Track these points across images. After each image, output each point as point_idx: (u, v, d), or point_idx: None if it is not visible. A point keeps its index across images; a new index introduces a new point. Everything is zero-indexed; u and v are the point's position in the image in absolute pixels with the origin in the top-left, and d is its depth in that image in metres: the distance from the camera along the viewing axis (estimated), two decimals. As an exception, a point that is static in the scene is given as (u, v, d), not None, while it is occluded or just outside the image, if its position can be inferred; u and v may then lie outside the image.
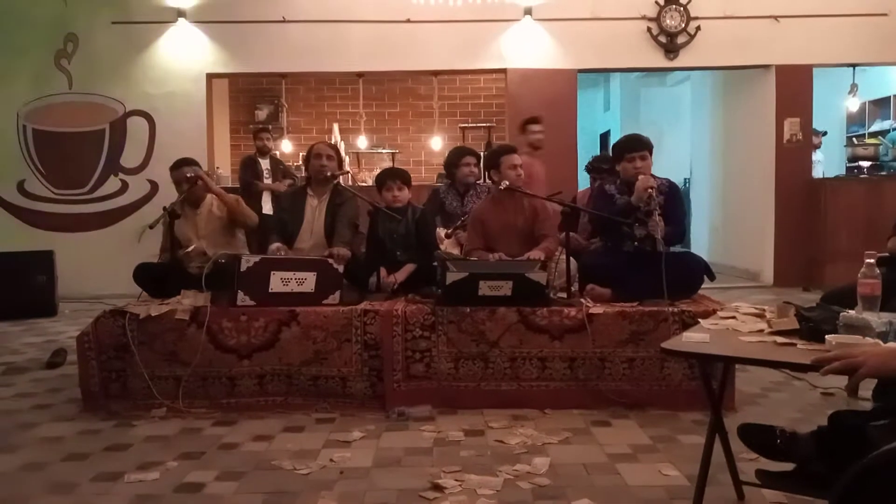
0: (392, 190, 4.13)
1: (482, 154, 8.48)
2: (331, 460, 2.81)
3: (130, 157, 7.65)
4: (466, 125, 9.87)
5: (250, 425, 3.27)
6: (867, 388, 3.26)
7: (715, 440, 2.14)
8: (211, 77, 7.73)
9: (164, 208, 4.06)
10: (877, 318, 1.91)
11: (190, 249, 3.86)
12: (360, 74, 8.31)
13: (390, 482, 2.59)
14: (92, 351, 3.50)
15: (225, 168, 8.65)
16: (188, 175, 4.14)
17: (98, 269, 7.14)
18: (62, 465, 2.82)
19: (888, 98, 8.93)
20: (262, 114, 9.71)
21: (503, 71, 7.74)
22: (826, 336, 1.84)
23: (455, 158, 4.77)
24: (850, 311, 1.99)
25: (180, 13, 7.47)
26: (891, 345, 1.70)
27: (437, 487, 2.51)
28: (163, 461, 2.82)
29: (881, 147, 7.69)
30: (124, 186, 7.65)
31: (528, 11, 7.47)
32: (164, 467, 2.76)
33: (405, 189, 4.16)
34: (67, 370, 4.22)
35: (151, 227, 3.99)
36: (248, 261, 3.54)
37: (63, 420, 3.39)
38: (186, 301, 3.57)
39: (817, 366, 1.62)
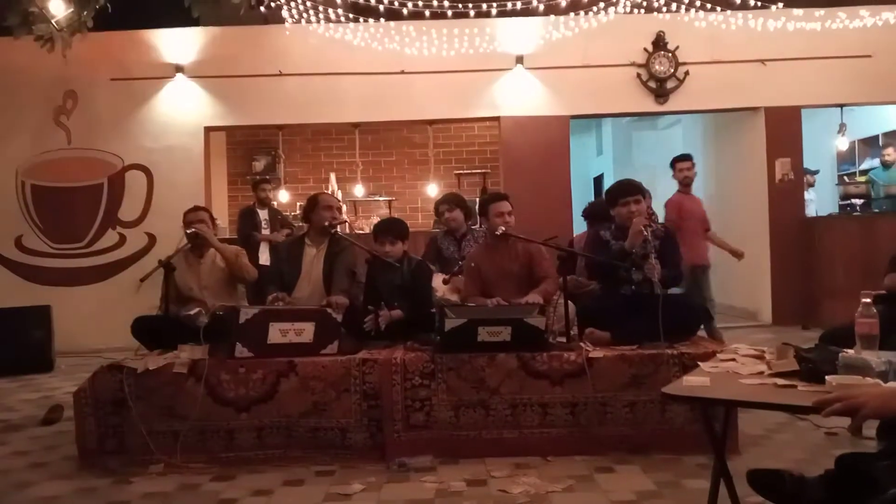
0: (384, 245, 4.14)
1: (478, 199, 8.60)
2: (331, 514, 2.77)
3: (128, 211, 7.69)
4: (461, 172, 9.98)
5: (249, 480, 3.22)
6: (871, 426, 3.24)
7: (720, 485, 2.12)
8: (209, 130, 7.83)
9: (160, 261, 4.07)
10: (876, 358, 1.91)
11: (193, 313, 3.86)
12: (355, 125, 8.43)
13: (392, 535, 2.55)
14: (89, 407, 3.47)
15: (223, 219, 8.70)
16: (188, 231, 4.17)
17: (95, 322, 7.12)
18: (58, 526, 2.77)
19: (876, 137, 9.06)
20: (259, 165, 9.82)
21: (496, 119, 7.86)
22: (826, 377, 1.84)
23: (436, 206, 4.95)
24: (849, 350, 2.00)
25: (178, 68, 7.61)
26: (891, 385, 1.70)
27: (440, 540, 2.47)
28: (161, 519, 2.77)
29: (870, 184, 7.78)
30: (122, 240, 7.67)
31: (519, 60, 7.62)
32: (161, 525, 2.72)
33: (398, 243, 4.15)
34: (64, 426, 4.17)
35: (143, 280, 4.00)
36: (247, 313, 3.54)
37: (60, 478, 3.34)
38: (184, 354, 3.55)
39: (819, 408, 1.62)
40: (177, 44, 7.63)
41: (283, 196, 9.11)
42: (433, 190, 9.17)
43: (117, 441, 3.46)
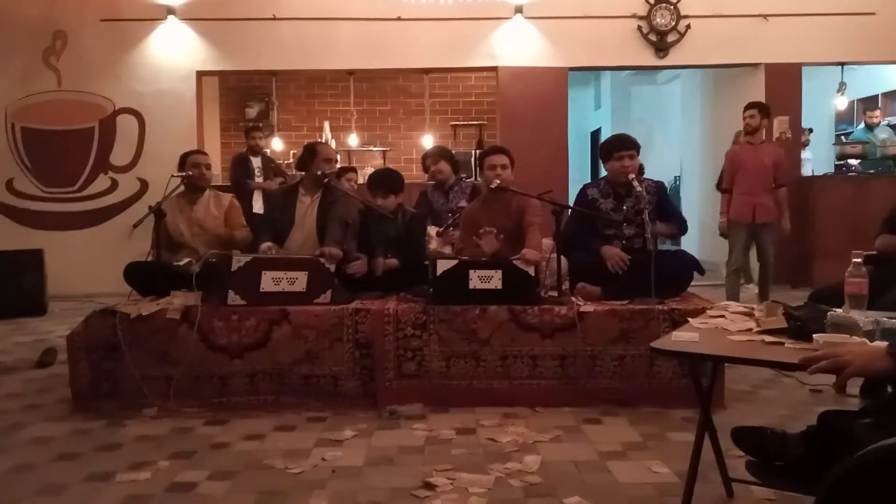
0: (376, 198, 4.12)
1: (474, 153, 8.55)
2: (322, 459, 2.82)
3: (120, 156, 7.61)
4: (458, 123, 9.88)
5: (242, 424, 3.26)
6: (855, 384, 3.31)
7: (705, 438, 2.16)
8: (201, 75, 7.70)
9: (150, 207, 4.04)
10: (864, 318, 1.93)
11: (182, 264, 3.84)
12: (350, 72, 8.30)
13: (382, 481, 2.60)
14: (82, 351, 3.49)
15: (215, 167, 8.61)
16: (177, 174, 4.15)
17: (88, 267, 7.11)
18: (53, 466, 2.81)
19: (876, 97, 8.99)
20: (252, 111, 9.69)
21: (494, 69, 7.75)
22: (814, 335, 1.86)
23: (423, 159, 5.01)
24: (837, 309, 2.01)
25: (170, 10, 7.44)
26: (877, 344, 1.72)
27: (429, 486, 2.52)
28: (154, 461, 2.82)
29: (868, 146, 7.75)
30: (114, 185, 7.62)
31: (518, 10, 7.47)
32: (155, 467, 2.76)
33: (390, 197, 4.11)
34: (57, 370, 4.21)
35: (135, 226, 3.99)
36: (240, 260, 3.55)
37: (54, 420, 3.38)
38: (177, 301, 3.56)
39: (805, 365, 1.64)
40: (168, -16, 7.45)
41: (276, 144, 9.02)
42: (428, 141, 9.09)
43: (111, 385, 3.49)
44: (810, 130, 8.44)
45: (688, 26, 7.46)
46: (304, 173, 4.30)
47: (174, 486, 2.60)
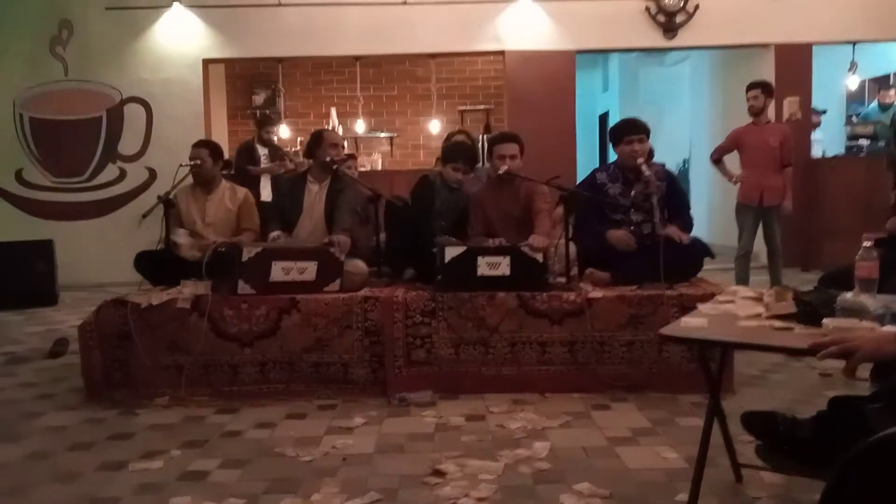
0: (459, 171, 4.20)
1: (482, 137, 8.48)
2: (333, 447, 2.83)
3: (128, 145, 7.63)
4: (465, 108, 9.83)
5: (253, 413, 3.29)
6: (866, 368, 3.29)
7: (714, 423, 2.16)
8: (207, 62, 7.70)
9: (159, 197, 4.05)
10: (874, 302, 1.91)
11: (180, 241, 3.87)
12: (357, 58, 8.27)
13: (392, 468, 2.62)
14: (94, 340, 3.52)
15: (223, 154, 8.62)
16: (185, 163, 4.15)
17: (98, 257, 7.16)
18: (67, 455, 2.84)
19: (888, 76, 8.88)
20: (259, 99, 9.67)
21: (501, 53, 7.71)
22: (823, 320, 1.85)
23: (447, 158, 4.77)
24: (847, 293, 2.00)
25: (175, -2, 7.43)
26: (887, 328, 1.71)
27: (439, 473, 2.53)
28: (166, 449, 2.84)
29: (878, 127, 7.67)
30: (122, 174, 7.65)
31: (525, -8, 7.42)
32: (167, 455, 2.79)
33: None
34: (70, 360, 4.25)
35: (144, 216, 4.00)
36: (250, 251, 3.55)
37: (67, 409, 3.41)
38: (187, 290, 3.58)
39: (814, 350, 1.63)
40: (173, -29, 7.43)
41: (283, 131, 9.01)
42: (436, 126, 9.07)
43: (123, 374, 3.52)
44: (823, 112, 8.35)
45: (696, 6, 7.38)
46: (311, 161, 4.29)
47: (186, 474, 2.62)
